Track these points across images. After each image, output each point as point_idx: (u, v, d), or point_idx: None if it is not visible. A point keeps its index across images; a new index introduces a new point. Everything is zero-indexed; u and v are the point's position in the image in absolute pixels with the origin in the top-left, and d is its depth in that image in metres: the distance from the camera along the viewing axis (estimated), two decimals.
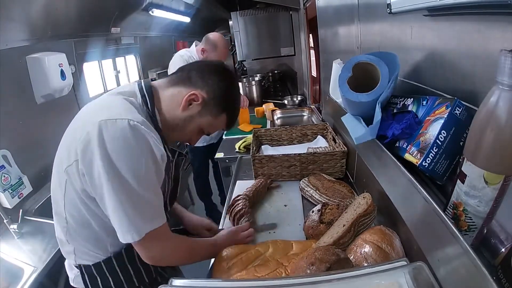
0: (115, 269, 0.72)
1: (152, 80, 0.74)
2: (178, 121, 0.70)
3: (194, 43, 1.97)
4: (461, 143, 0.54)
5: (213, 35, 1.89)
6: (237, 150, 1.69)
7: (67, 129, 0.66)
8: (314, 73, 2.61)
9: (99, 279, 0.72)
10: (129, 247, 0.70)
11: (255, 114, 2.36)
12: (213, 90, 0.70)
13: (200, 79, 0.70)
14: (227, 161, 1.69)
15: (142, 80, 0.71)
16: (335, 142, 1.31)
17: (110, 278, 0.72)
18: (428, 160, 0.55)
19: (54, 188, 0.67)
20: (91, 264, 0.70)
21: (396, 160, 0.64)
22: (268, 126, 2.11)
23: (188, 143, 0.81)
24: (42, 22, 1.54)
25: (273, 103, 2.57)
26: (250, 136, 1.63)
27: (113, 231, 0.62)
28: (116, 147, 0.55)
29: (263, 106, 2.45)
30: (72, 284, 0.77)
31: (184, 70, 0.73)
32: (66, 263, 0.79)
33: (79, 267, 0.72)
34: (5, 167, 1.31)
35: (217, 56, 1.85)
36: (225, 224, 1.03)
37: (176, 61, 1.85)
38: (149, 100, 0.67)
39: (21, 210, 1.28)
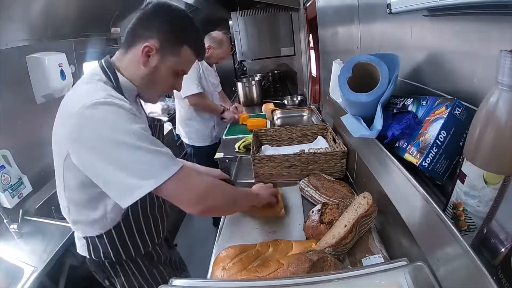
0: (114, 241, 0.81)
1: (110, 56, 0.77)
2: (147, 76, 0.73)
3: None
4: (461, 143, 0.54)
5: (216, 33, 1.97)
6: (237, 150, 1.69)
7: (53, 129, 0.71)
8: (314, 73, 2.61)
9: (101, 249, 0.81)
10: (127, 220, 0.80)
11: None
12: (159, 33, 0.70)
13: (144, 29, 0.71)
14: (227, 161, 1.69)
15: (102, 59, 0.75)
16: (335, 142, 1.31)
17: (110, 249, 0.81)
18: (428, 160, 0.56)
19: (57, 183, 0.75)
20: (95, 235, 0.80)
21: (396, 160, 0.64)
22: (269, 126, 2.11)
23: (174, 91, 0.83)
24: (42, 22, 1.54)
25: (273, 103, 2.57)
26: (250, 136, 1.63)
27: (111, 207, 0.74)
28: (97, 131, 0.61)
29: (263, 106, 2.45)
30: (78, 251, 0.88)
31: (128, 30, 0.74)
32: (75, 234, 0.87)
33: (85, 238, 0.82)
34: (5, 167, 1.31)
35: (223, 52, 1.99)
36: (225, 224, 1.03)
37: None
38: (110, 73, 0.71)
39: (21, 210, 1.28)
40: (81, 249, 0.86)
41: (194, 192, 0.66)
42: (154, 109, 2.84)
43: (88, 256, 0.84)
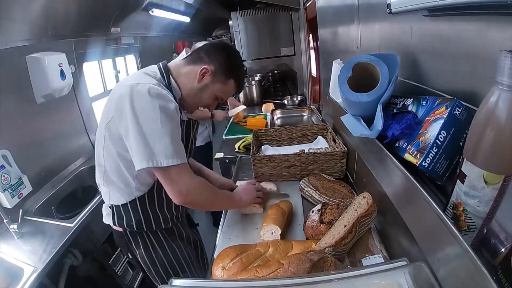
0: (137, 210, 0.91)
1: (167, 62, 0.94)
2: (196, 90, 0.91)
3: (184, 50, 1.97)
4: (461, 143, 0.53)
5: (200, 43, 1.92)
6: (236, 150, 1.69)
7: (107, 99, 0.85)
8: (314, 73, 2.61)
9: (124, 218, 0.92)
10: (150, 193, 0.91)
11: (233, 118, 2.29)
12: (218, 63, 0.89)
13: (207, 56, 0.90)
14: (227, 161, 1.70)
15: (160, 63, 0.91)
16: (335, 142, 1.31)
17: (132, 217, 0.91)
18: (428, 160, 0.55)
19: (97, 143, 0.87)
20: (120, 204, 0.90)
21: (396, 160, 0.64)
22: (269, 121, 2.12)
23: (207, 108, 1.02)
24: (42, 22, 1.54)
25: (273, 103, 2.57)
26: (250, 136, 1.63)
27: (139, 178, 0.86)
28: (139, 101, 0.75)
29: (263, 106, 2.45)
30: (104, 220, 0.98)
31: (194, 52, 0.93)
32: (103, 206, 0.98)
33: (111, 207, 0.93)
34: (5, 167, 1.31)
35: None
36: (225, 224, 1.03)
37: None
38: (165, 75, 0.88)
39: (21, 210, 1.28)
40: (106, 217, 0.96)
41: (184, 186, 0.80)
42: None
43: (112, 224, 0.95)
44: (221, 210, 1.11)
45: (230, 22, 3.24)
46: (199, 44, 1.90)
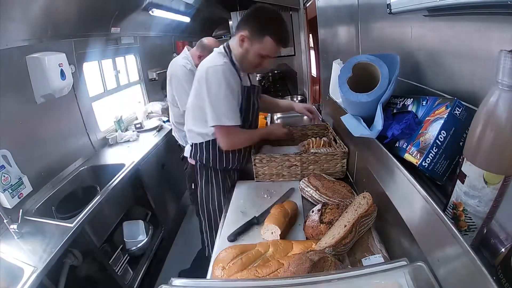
0: (208, 149, 1.25)
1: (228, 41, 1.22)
2: (243, 54, 1.14)
3: (186, 48, 1.96)
4: (461, 143, 0.53)
5: (207, 40, 1.88)
6: None
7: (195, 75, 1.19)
8: (314, 73, 2.61)
9: (198, 153, 1.28)
10: (215, 140, 1.22)
11: None
12: (250, 27, 1.09)
13: (242, 24, 1.11)
14: None
15: (224, 43, 1.20)
16: (336, 142, 1.31)
17: (205, 154, 1.26)
18: (428, 160, 0.55)
19: (185, 106, 1.32)
20: (198, 143, 1.27)
21: (396, 160, 0.64)
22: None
23: (262, 67, 1.21)
24: (42, 22, 1.54)
25: None
26: None
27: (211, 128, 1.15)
28: (212, 77, 1.08)
29: None
30: (184, 154, 1.49)
31: (236, 26, 1.17)
32: (187, 146, 1.42)
33: (192, 145, 1.31)
34: (5, 167, 1.31)
35: None
36: (226, 224, 1.03)
37: (181, 73, 1.81)
38: (228, 51, 1.17)
39: (21, 210, 1.27)
40: (187, 152, 1.37)
41: (230, 141, 1.17)
42: (154, 109, 2.85)
43: (189, 156, 1.34)
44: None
45: (230, 22, 3.24)
46: (206, 40, 1.93)
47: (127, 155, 2.02)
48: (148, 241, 1.91)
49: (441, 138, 0.55)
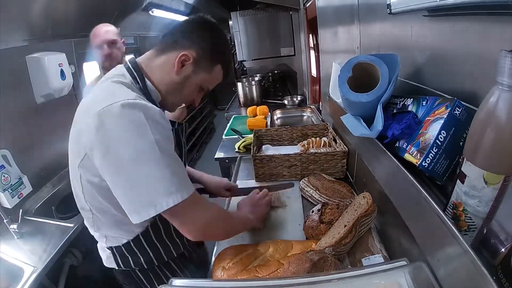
0: (144, 247, 0.76)
1: (135, 57, 0.75)
2: (176, 85, 0.71)
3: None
4: (461, 143, 0.53)
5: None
6: (237, 150, 1.69)
7: (71, 127, 0.67)
8: (314, 73, 2.61)
9: (130, 258, 0.77)
10: (154, 224, 0.76)
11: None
12: (201, 47, 0.70)
13: (186, 39, 0.70)
14: (227, 161, 1.69)
15: (127, 60, 0.72)
16: (336, 142, 1.31)
17: (140, 256, 0.77)
18: (428, 160, 0.55)
19: (74, 185, 0.70)
20: (121, 245, 0.75)
21: (396, 160, 0.64)
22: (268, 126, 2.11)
23: (191, 105, 0.81)
24: (42, 22, 1.54)
25: (273, 103, 2.56)
26: (250, 136, 1.63)
27: None
28: (116, 132, 0.57)
29: (257, 109, 2.32)
30: (105, 264, 0.82)
31: (167, 35, 0.73)
32: (98, 245, 0.83)
33: (110, 248, 0.77)
34: (5, 167, 1.31)
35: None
36: None
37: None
38: (137, 76, 0.68)
39: (21, 210, 1.28)
40: (108, 261, 0.80)
41: (197, 224, 0.64)
42: None
43: (116, 267, 0.79)
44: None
45: (230, 22, 3.24)
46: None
47: None
48: None
49: (441, 138, 0.55)
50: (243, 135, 1.86)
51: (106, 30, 1.54)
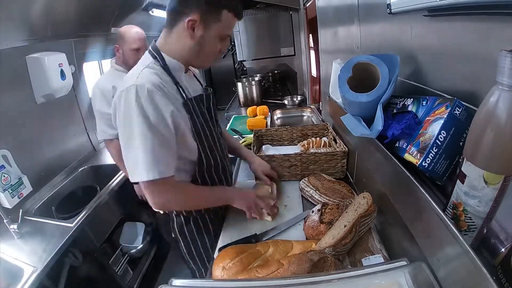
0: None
1: (155, 41, 0.87)
2: (196, 47, 0.81)
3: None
4: (461, 143, 0.54)
5: (120, 29, 1.61)
6: None
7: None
8: (314, 73, 2.61)
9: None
10: (194, 179, 0.91)
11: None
12: (198, 6, 0.76)
13: (183, 7, 0.77)
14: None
15: (150, 46, 0.86)
16: (336, 142, 1.31)
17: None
18: (428, 160, 0.55)
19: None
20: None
21: (396, 160, 0.64)
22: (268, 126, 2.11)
23: (219, 55, 0.92)
24: (42, 22, 1.54)
25: (273, 103, 2.55)
26: (250, 136, 1.63)
27: (179, 170, 0.84)
28: (128, 109, 0.72)
29: (257, 109, 2.33)
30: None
31: (168, 13, 0.82)
32: None
33: None
34: (5, 167, 1.31)
35: (129, 44, 1.56)
36: (226, 224, 1.03)
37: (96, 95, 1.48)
38: (157, 55, 0.81)
39: (21, 210, 1.28)
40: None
41: (159, 202, 0.81)
42: None
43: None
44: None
45: None
46: (120, 29, 1.55)
47: None
48: (144, 247, 1.89)
49: (441, 138, 0.55)
50: (243, 135, 1.86)
51: (144, 36, 1.58)
